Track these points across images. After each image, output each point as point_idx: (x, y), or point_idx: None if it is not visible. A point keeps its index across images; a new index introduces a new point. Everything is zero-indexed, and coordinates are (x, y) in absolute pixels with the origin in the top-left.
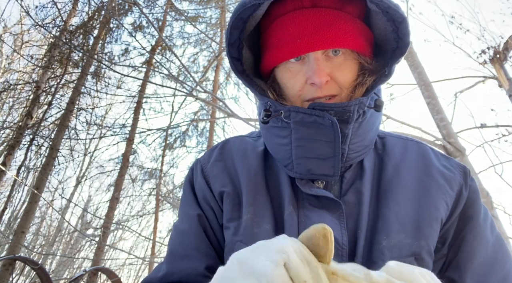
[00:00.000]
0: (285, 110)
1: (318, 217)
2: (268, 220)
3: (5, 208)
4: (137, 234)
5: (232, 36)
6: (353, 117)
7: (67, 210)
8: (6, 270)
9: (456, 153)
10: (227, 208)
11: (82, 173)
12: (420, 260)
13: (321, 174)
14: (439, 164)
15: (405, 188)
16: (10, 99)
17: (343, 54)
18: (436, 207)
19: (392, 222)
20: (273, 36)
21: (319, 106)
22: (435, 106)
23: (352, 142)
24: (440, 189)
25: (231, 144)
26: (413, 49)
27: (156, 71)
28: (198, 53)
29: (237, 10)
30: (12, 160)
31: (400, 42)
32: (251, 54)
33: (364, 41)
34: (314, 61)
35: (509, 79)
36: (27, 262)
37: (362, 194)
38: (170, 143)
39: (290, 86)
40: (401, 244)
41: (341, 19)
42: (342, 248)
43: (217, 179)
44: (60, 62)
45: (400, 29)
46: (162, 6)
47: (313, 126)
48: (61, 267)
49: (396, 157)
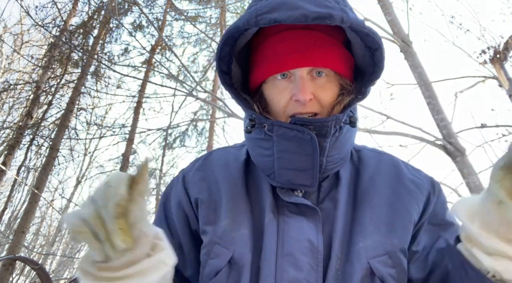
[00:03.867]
0: (268, 124)
1: (296, 223)
2: (246, 226)
3: (5, 208)
4: None
5: (222, 51)
6: (330, 132)
7: (67, 210)
8: (6, 270)
9: (456, 153)
10: (203, 213)
11: (82, 173)
12: (394, 258)
13: (301, 184)
14: (410, 174)
15: (380, 195)
16: (10, 99)
17: (326, 76)
18: (408, 210)
19: (367, 225)
20: (264, 52)
21: (299, 121)
22: (435, 106)
23: (329, 155)
24: (411, 194)
25: (214, 155)
26: (413, 49)
27: (156, 71)
28: (198, 53)
29: (230, 30)
30: (12, 160)
31: (376, 67)
32: (239, 69)
33: (346, 65)
34: (299, 79)
35: (509, 79)
36: (27, 262)
37: (338, 201)
38: (170, 143)
39: (276, 101)
40: (375, 244)
41: (328, 42)
42: (317, 250)
43: (195, 186)
44: (60, 62)
45: (375, 55)
46: (162, 5)
47: (294, 140)
48: (61, 267)
49: (371, 168)
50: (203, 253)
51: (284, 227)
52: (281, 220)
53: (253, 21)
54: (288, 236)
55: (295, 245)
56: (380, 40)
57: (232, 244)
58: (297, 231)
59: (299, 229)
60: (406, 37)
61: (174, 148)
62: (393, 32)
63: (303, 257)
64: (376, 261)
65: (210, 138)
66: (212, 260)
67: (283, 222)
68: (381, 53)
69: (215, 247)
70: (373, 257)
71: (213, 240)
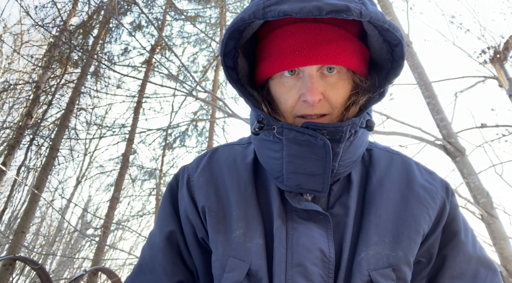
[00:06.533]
0: (278, 126)
1: (306, 230)
2: (260, 234)
3: (5, 208)
4: (137, 234)
5: (227, 47)
6: (345, 137)
7: (67, 210)
8: (6, 270)
9: (456, 153)
10: (212, 221)
11: (82, 173)
12: (397, 271)
13: (311, 189)
14: (422, 178)
15: (387, 201)
16: (10, 99)
17: (338, 72)
18: (416, 220)
19: (371, 234)
20: (272, 46)
21: (312, 125)
22: (435, 106)
23: (342, 159)
24: (422, 202)
25: (220, 153)
26: (413, 49)
27: (156, 71)
28: (198, 52)
29: (235, 23)
30: (12, 160)
31: (395, 63)
32: (246, 62)
33: (360, 60)
34: (308, 78)
35: (509, 79)
36: (27, 262)
37: (349, 207)
38: (170, 143)
39: (283, 100)
40: (378, 256)
41: (340, 36)
42: (329, 260)
43: (202, 190)
44: (60, 62)
45: (395, 51)
46: (161, 5)
47: (305, 145)
48: (61, 267)
49: (381, 169)
50: (217, 266)
51: (294, 234)
52: (289, 227)
53: (260, 14)
54: (298, 245)
55: (305, 255)
56: (401, 36)
57: (247, 255)
58: (307, 239)
59: (309, 236)
60: (406, 37)
61: (174, 148)
62: None
63: (314, 267)
64: (377, 274)
65: (210, 138)
66: (228, 274)
67: (292, 228)
68: (402, 49)
69: (230, 260)
70: (375, 269)
71: (227, 252)
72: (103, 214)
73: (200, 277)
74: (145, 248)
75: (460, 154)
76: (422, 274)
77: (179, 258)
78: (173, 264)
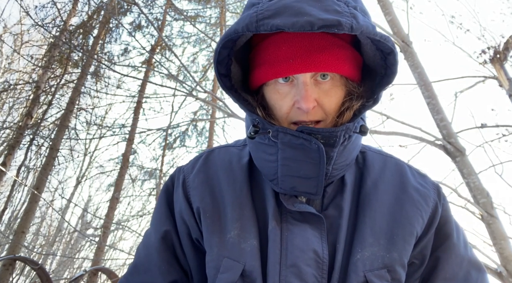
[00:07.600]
0: (273, 130)
1: (300, 231)
2: (254, 235)
3: (5, 208)
4: (137, 234)
5: (220, 55)
6: (339, 142)
7: (67, 210)
8: (6, 270)
9: (456, 153)
10: (207, 222)
11: (82, 173)
12: (392, 272)
13: (305, 192)
14: (415, 181)
15: (382, 203)
16: (10, 99)
17: (331, 79)
18: (410, 222)
19: (367, 236)
20: (266, 53)
21: (307, 130)
22: (435, 106)
23: (336, 163)
24: (415, 204)
25: (215, 154)
26: (413, 49)
27: (155, 71)
28: (198, 52)
29: (228, 35)
30: (12, 160)
31: (388, 70)
32: (239, 68)
33: (354, 67)
34: (302, 85)
35: (509, 79)
36: (27, 262)
37: (342, 209)
38: (170, 143)
39: (278, 107)
40: (373, 257)
41: (334, 44)
42: (323, 261)
43: (197, 191)
44: (60, 62)
45: (388, 59)
46: (161, 5)
47: (300, 148)
48: (61, 267)
49: (375, 172)
50: (211, 266)
51: (288, 235)
52: (284, 228)
53: (253, 27)
54: (292, 246)
55: (299, 255)
56: (393, 45)
57: (242, 256)
58: (301, 240)
59: (304, 237)
60: (406, 37)
61: (174, 148)
62: (393, 32)
63: (308, 268)
64: (372, 275)
65: (210, 138)
66: (222, 275)
67: (286, 230)
68: (394, 57)
69: (224, 261)
70: (370, 270)
71: (221, 253)
72: (103, 214)
73: (194, 277)
74: (140, 247)
75: (460, 154)
76: (415, 276)
77: (174, 258)
78: (168, 264)
